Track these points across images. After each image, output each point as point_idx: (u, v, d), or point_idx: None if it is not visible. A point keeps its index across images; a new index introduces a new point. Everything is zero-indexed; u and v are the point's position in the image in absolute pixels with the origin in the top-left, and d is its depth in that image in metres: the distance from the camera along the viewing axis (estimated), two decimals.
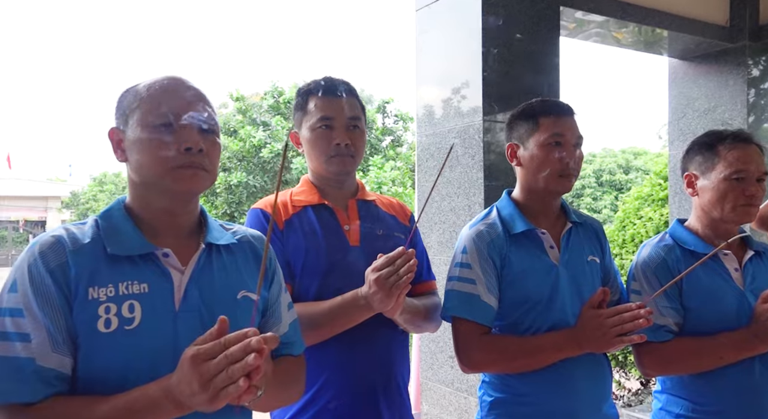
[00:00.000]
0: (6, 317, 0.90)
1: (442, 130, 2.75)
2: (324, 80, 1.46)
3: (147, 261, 0.98)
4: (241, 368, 0.78)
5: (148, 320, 0.94)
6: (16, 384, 0.86)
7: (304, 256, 1.36)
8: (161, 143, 0.98)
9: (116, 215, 1.03)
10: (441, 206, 2.69)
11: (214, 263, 1.05)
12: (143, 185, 1.03)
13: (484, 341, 1.37)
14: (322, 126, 1.40)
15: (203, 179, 1.02)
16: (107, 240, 0.98)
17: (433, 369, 2.70)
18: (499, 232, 1.43)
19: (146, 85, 1.02)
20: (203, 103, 1.04)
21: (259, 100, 13.01)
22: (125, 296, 0.94)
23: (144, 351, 0.93)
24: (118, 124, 1.04)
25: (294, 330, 1.15)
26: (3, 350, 0.88)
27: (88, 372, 0.91)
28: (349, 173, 1.47)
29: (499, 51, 2.57)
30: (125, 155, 1.03)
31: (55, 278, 0.92)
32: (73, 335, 0.91)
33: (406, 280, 1.20)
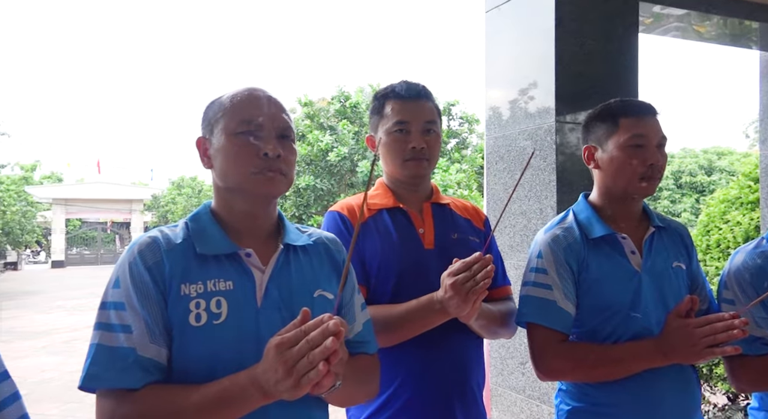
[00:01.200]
0: (111, 310, 0.98)
1: (511, 132, 2.71)
2: (401, 84, 1.48)
3: (231, 261, 1.05)
4: (320, 352, 0.82)
5: (234, 315, 1.00)
6: (121, 372, 0.94)
7: (379, 259, 1.39)
8: (242, 150, 1.05)
9: (203, 218, 1.10)
10: (511, 209, 2.65)
11: (291, 263, 1.11)
12: (227, 190, 1.10)
13: (562, 348, 1.34)
14: (398, 130, 1.43)
15: (281, 183, 1.08)
16: (196, 241, 1.05)
17: (503, 375, 2.65)
18: (576, 236, 1.39)
19: (229, 97, 1.10)
20: (281, 111, 1.11)
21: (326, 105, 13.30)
22: (213, 292, 1.00)
23: (230, 344, 0.99)
24: (204, 133, 1.12)
25: (368, 330, 1.18)
26: (108, 340, 0.96)
27: (181, 363, 0.98)
28: (424, 176, 1.48)
29: (573, 50, 2.50)
30: (211, 162, 1.11)
31: (152, 275, 0.99)
32: (168, 328, 0.98)
33: (483, 286, 1.19)
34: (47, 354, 7.84)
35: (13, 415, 0.85)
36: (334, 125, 12.55)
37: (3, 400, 0.84)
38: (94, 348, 0.96)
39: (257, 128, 1.06)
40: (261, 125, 1.06)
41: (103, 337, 0.96)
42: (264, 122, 1.07)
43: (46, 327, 10.18)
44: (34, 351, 8.18)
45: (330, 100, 13.08)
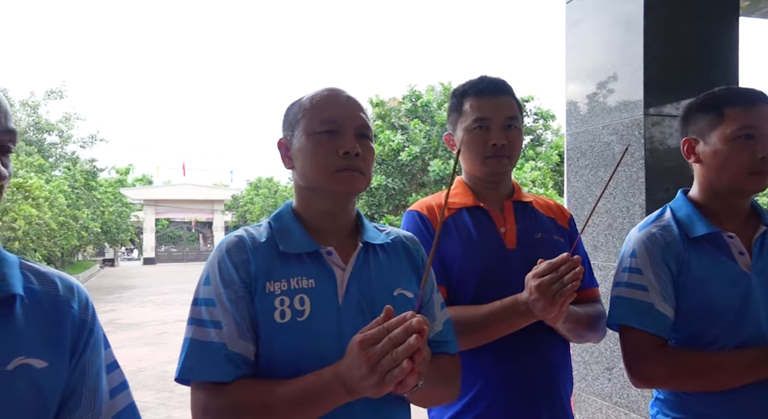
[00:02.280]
0: (202, 306, 1.02)
1: (594, 127, 2.58)
2: (479, 80, 1.44)
3: (313, 259, 1.06)
4: (404, 350, 0.82)
5: (316, 312, 1.02)
6: (213, 366, 0.97)
7: (459, 259, 1.36)
8: (323, 149, 1.07)
9: (285, 217, 1.13)
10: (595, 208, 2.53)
11: (371, 261, 1.11)
12: (307, 189, 1.12)
13: (660, 353, 1.25)
14: (478, 127, 1.39)
15: (360, 181, 1.09)
16: (279, 239, 1.08)
17: (587, 381, 2.54)
18: (674, 235, 1.30)
19: (309, 97, 1.12)
20: (359, 111, 1.12)
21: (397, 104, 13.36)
22: (296, 290, 1.02)
23: (313, 340, 1.00)
24: (285, 134, 1.15)
25: (448, 329, 1.16)
26: (201, 335, 1.00)
27: (268, 358, 1.01)
28: (504, 173, 1.44)
29: (663, 37, 2.34)
30: (292, 162, 1.13)
31: (239, 272, 1.03)
32: (255, 324, 1.01)
33: (571, 288, 1.14)
34: (141, 345, 8.38)
35: (122, 403, 0.90)
36: (406, 124, 12.58)
37: (113, 388, 0.90)
38: (188, 342, 1.00)
39: (337, 127, 1.07)
40: (340, 124, 1.07)
41: (196, 332, 1.00)
42: (343, 121, 1.08)
43: (139, 319, 10.93)
44: (130, 341, 8.79)
45: (401, 99, 13.12)
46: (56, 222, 14.98)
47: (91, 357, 0.87)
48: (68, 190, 18.19)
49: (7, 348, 0.77)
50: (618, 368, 2.37)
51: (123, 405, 0.90)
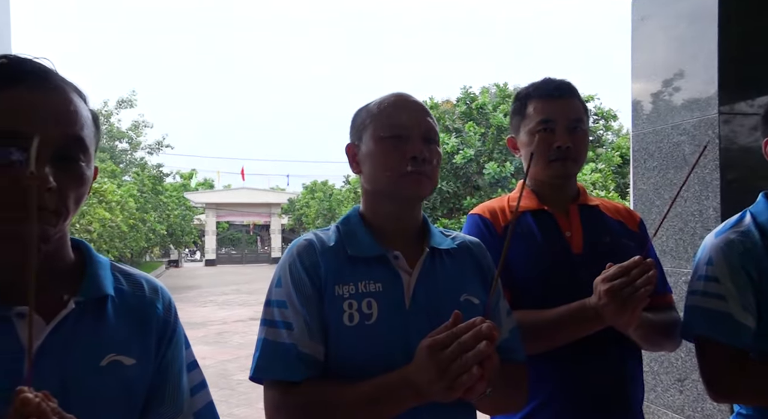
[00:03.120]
0: (274, 308, 1.06)
1: (663, 126, 2.47)
2: (543, 82, 1.42)
3: (380, 263, 1.08)
4: (474, 355, 0.82)
5: (383, 316, 1.03)
6: (285, 366, 1.00)
7: (524, 263, 1.34)
8: (390, 154, 1.08)
9: (353, 221, 1.15)
10: (663, 211, 2.42)
11: (437, 266, 1.11)
12: (374, 193, 1.13)
13: (742, 368, 1.18)
14: (542, 129, 1.37)
15: (427, 186, 1.09)
16: (347, 243, 1.09)
17: (656, 392, 2.43)
18: (755, 241, 1.22)
19: (376, 103, 1.14)
20: (426, 115, 1.12)
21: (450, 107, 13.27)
22: (364, 293, 1.04)
23: (381, 344, 1.01)
24: (352, 139, 1.17)
25: (514, 337, 1.14)
26: (273, 335, 1.03)
27: (337, 360, 1.02)
28: (569, 176, 1.40)
29: (739, 31, 2.22)
30: (359, 166, 1.15)
31: (309, 275, 1.05)
32: (325, 326, 1.03)
33: (643, 293, 1.09)
34: (204, 344, 8.72)
35: (201, 401, 0.94)
36: (460, 127, 12.47)
37: (194, 387, 0.94)
38: (262, 342, 1.04)
39: (404, 131, 1.08)
40: (408, 129, 1.08)
41: (268, 332, 1.04)
42: (410, 126, 1.08)
43: (202, 318, 11.35)
44: (194, 340, 9.00)
45: (455, 102, 13.03)
46: (127, 225, 15.86)
47: (174, 356, 0.92)
48: (137, 194, 19.21)
49: (100, 344, 0.82)
50: (690, 379, 2.26)
51: (202, 404, 0.94)
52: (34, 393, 0.64)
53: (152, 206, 21.49)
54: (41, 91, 0.76)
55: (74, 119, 0.78)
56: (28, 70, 0.78)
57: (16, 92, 0.75)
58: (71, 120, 0.78)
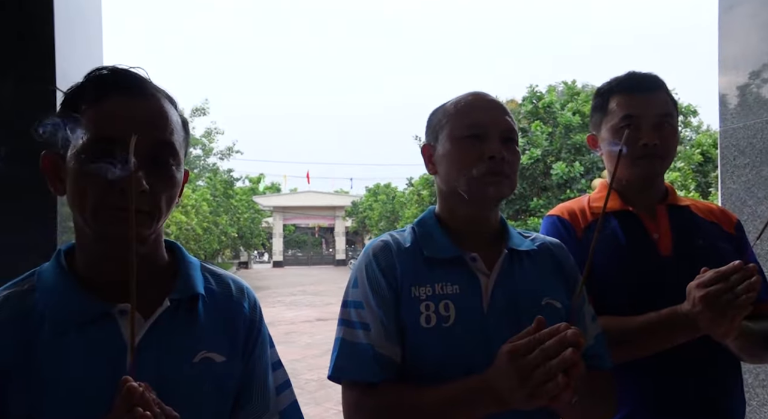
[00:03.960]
0: (351, 308, 1.06)
1: (755, 121, 2.29)
2: (627, 76, 1.35)
3: (457, 265, 1.06)
4: (559, 363, 0.79)
5: (461, 319, 1.01)
6: (362, 366, 1.01)
7: (607, 267, 1.28)
8: (467, 154, 1.06)
9: (429, 222, 1.14)
10: (756, 211, 2.24)
11: (516, 268, 1.08)
12: (451, 194, 1.11)
13: None
14: (626, 125, 1.30)
15: (505, 186, 1.07)
16: (423, 245, 1.09)
17: (750, 406, 2.25)
18: None
19: (453, 102, 1.13)
20: (504, 114, 1.10)
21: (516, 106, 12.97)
22: (441, 295, 1.03)
23: (459, 347, 1.00)
24: (428, 140, 1.16)
25: (600, 343, 1.09)
26: (350, 336, 1.04)
27: (414, 362, 1.02)
28: (656, 176, 1.33)
29: None
30: (435, 167, 1.14)
31: (386, 276, 1.05)
32: (401, 327, 1.03)
33: (745, 300, 1.01)
34: None
35: (286, 400, 0.97)
36: (525, 126, 12.17)
37: (279, 386, 0.96)
38: (339, 342, 1.05)
39: (482, 131, 1.06)
40: (486, 129, 1.06)
41: (346, 333, 1.05)
42: (488, 126, 1.06)
43: (270, 319, 11.70)
44: None
45: (521, 101, 12.72)
46: (201, 227, 16.64)
47: (260, 355, 0.94)
48: (210, 198, 20.11)
49: (193, 342, 0.86)
50: None
51: (287, 402, 0.96)
52: (138, 383, 0.68)
53: (224, 210, 22.42)
54: (136, 100, 0.81)
55: (165, 125, 0.82)
56: (125, 79, 0.83)
57: (114, 101, 0.80)
58: (162, 126, 0.82)
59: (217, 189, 22.29)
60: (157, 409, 0.69)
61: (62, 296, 0.81)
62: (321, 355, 7.66)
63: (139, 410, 0.66)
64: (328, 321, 10.42)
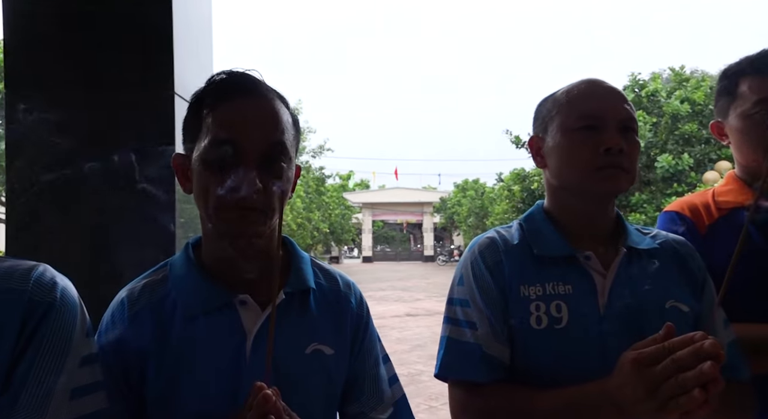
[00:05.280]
0: (457, 306, 1.04)
1: None
2: (760, 55, 1.21)
3: (569, 263, 1.01)
4: (695, 377, 0.72)
5: (575, 321, 0.96)
6: (470, 366, 0.99)
7: (737, 266, 1.15)
8: (581, 146, 1.00)
9: (537, 218, 1.09)
10: None
11: (635, 268, 1.01)
12: (562, 189, 1.06)
13: None
14: (761, 111, 1.17)
15: (623, 180, 1.00)
16: (532, 242, 1.04)
17: None
18: None
19: (565, 91, 1.06)
20: (622, 102, 1.03)
21: None
22: (552, 295, 0.98)
23: (573, 350, 0.95)
24: (536, 131, 1.11)
25: (734, 352, 0.99)
26: (457, 334, 1.02)
27: (524, 364, 0.98)
28: None
29: None
30: (544, 160, 1.08)
31: (493, 274, 1.02)
32: (510, 328, 0.99)
33: None
34: None
35: (397, 393, 0.98)
36: None
37: (388, 379, 0.98)
38: (445, 340, 1.03)
39: (597, 121, 1.00)
40: (601, 119, 1.00)
41: (452, 331, 1.03)
42: (605, 115, 1.00)
43: None
44: None
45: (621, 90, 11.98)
46: (295, 223, 17.38)
47: (369, 349, 0.96)
48: (303, 195, 20.92)
49: (305, 334, 0.89)
50: None
51: (398, 396, 0.97)
52: (273, 390, 0.71)
53: (316, 206, 23.23)
54: (250, 101, 0.85)
55: (277, 125, 0.85)
56: (240, 82, 0.87)
57: (231, 103, 0.84)
58: (274, 126, 0.85)
59: (310, 186, 23.11)
60: (286, 417, 0.72)
61: (190, 286, 0.87)
62: (410, 351, 7.70)
63: (272, 418, 0.69)
64: (417, 317, 10.46)
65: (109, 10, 1.47)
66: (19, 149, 1.45)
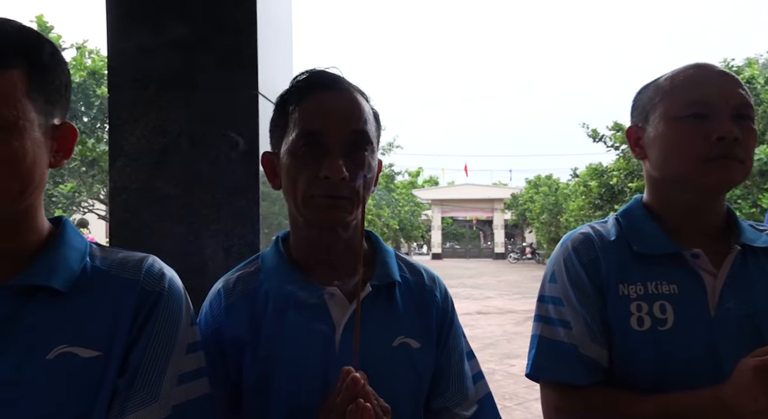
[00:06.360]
0: (549, 304, 1.01)
1: None
2: None
3: (674, 262, 0.95)
4: None
5: (682, 323, 0.90)
6: (564, 367, 0.95)
7: None
8: (689, 135, 0.93)
9: (636, 213, 1.03)
10: None
11: (751, 268, 0.94)
12: (665, 182, 1.00)
13: None
14: None
15: (736, 171, 0.92)
16: (631, 238, 0.99)
17: None
18: None
19: (669, 77, 1.00)
20: (736, 87, 0.95)
21: None
22: (655, 295, 0.93)
23: (680, 355, 0.89)
24: (636, 121, 1.05)
25: None
26: (549, 333, 0.99)
27: (624, 367, 0.93)
28: None
29: None
30: (644, 151, 1.02)
31: (588, 271, 0.97)
32: (608, 328, 0.95)
33: None
34: None
35: (483, 390, 0.96)
36: None
37: (474, 375, 0.95)
38: (537, 339, 1.00)
39: (707, 109, 0.92)
40: (712, 105, 0.92)
41: (544, 330, 1.00)
42: (716, 101, 0.92)
43: None
44: None
45: None
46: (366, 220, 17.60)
47: (454, 344, 0.94)
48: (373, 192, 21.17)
49: (392, 327, 0.89)
50: None
51: (484, 393, 0.95)
52: (361, 373, 0.72)
53: (386, 203, 23.45)
54: (333, 95, 0.87)
55: (359, 116, 0.87)
56: (323, 78, 0.89)
57: (315, 98, 0.86)
58: (357, 117, 0.86)
59: (380, 183, 23.27)
60: (375, 401, 0.72)
61: (281, 278, 0.89)
62: (482, 349, 7.58)
63: (361, 401, 0.70)
64: (488, 315, 10.28)
65: (201, 15, 1.55)
66: (120, 149, 1.55)
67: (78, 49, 14.53)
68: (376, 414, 0.71)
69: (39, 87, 0.67)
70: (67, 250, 0.73)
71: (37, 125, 0.67)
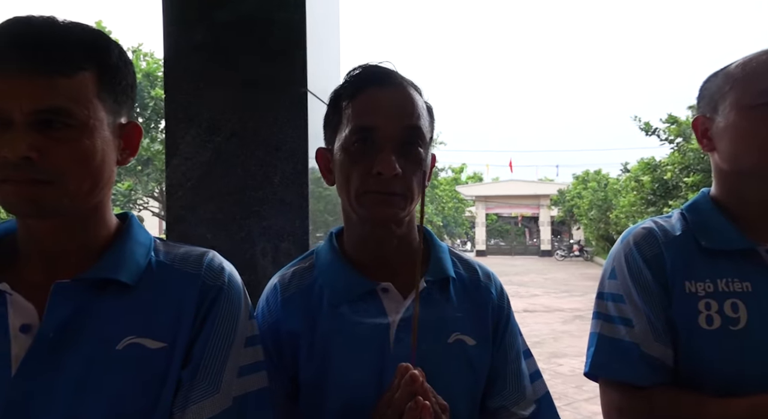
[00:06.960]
0: (609, 301, 0.98)
1: None
2: None
3: (747, 258, 0.90)
4: None
5: (757, 322, 0.86)
6: (626, 366, 0.92)
7: None
8: (764, 125, 0.88)
9: (703, 207, 0.99)
10: None
11: None
12: (736, 175, 0.95)
13: None
14: None
15: None
16: (698, 233, 0.94)
17: None
18: None
19: (740, 65, 0.95)
20: None
21: None
22: (726, 293, 0.89)
23: (754, 356, 0.85)
24: (703, 111, 1.00)
25: None
26: (609, 331, 0.95)
27: (691, 367, 0.90)
28: None
29: None
30: (713, 143, 0.98)
31: (651, 268, 0.94)
32: (673, 327, 0.91)
33: None
34: None
35: (541, 390, 0.94)
36: None
37: (531, 374, 0.93)
38: (596, 337, 0.98)
39: None
40: None
41: (603, 327, 0.97)
42: None
43: None
44: None
45: None
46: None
47: (511, 342, 0.92)
48: None
49: (447, 323, 0.88)
50: None
51: (542, 392, 0.93)
52: (418, 370, 0.71)
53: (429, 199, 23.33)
54: (386, 90, 0.86)
55: (412, 111, 0.85)
56: (375, 73, 0.88)
57: (368, 93, 0.86)
58: (410, 112, 0.85)
59: None
60: (433, 398, 0.72)
61: (335, 273, 0.90)
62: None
63: (420, 399, 0.70)
64: (534, 314, 10.09)
65: (252, 17, 1.58)
66: (176, 148, 1.59)
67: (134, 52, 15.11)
68: (434, 412, 0.71)
69: (108, 88, 0.70)
70: (134, 245, 0.76)
71: (107, 124, 0.70)
